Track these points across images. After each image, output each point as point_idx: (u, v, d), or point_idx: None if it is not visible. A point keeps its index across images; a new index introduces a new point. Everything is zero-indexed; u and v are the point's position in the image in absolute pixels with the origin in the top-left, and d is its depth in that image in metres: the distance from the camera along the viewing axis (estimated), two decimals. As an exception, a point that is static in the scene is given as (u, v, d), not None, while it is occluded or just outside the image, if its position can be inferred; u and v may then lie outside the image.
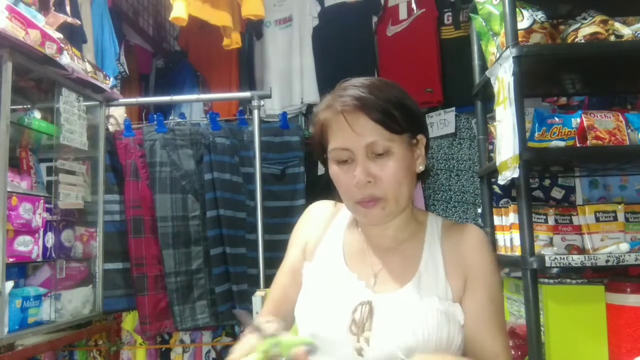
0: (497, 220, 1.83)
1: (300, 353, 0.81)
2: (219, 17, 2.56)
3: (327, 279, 1.00)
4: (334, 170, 0.95)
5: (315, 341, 0.85)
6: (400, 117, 0.92)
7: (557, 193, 2.02)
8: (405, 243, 1.01)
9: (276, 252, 2.08)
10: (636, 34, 1.53)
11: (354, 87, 0.94)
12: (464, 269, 0.96)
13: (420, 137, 0.98)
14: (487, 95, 1.88)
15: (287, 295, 1.06)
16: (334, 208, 1.10)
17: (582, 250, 1.60)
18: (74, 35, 2.33)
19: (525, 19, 1.57)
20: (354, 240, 1.04)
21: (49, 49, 1.84)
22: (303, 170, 2.54)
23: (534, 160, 1.53)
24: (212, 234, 2.36)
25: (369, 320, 0.91)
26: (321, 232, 1.07)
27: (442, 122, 2.87)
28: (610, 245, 1.54)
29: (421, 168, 0.98)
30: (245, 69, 3.26)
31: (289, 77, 3.13)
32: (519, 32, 1.52)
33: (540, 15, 1.59)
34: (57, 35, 1.92)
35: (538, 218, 1.60)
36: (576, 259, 1.45)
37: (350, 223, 1.07)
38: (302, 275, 1.04)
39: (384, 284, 0.97)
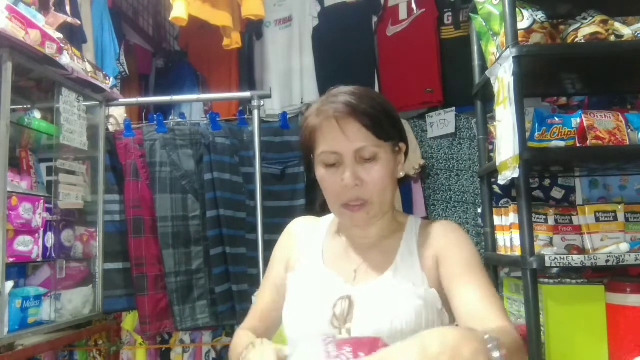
0: (497, 220, 1.83)
1: None
2: (219, 17, 2.56)
3: (308, 282, 1.04)
4: (321, 173, 0.99)
5: None
6: (388, 125, 0.98)
7: (557, 193, 2.02)
8: (384, 240, 1.06)
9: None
10: (636, 34, 1.52)
11: (345, 94, 0.98)
12: (434, 250, 1.00)
13: (401, 145, 1.03)
14: (487, 95, 1.88)
15: (273, 307, 1.10)
16: (313, 222, 1.15)
17: (582, 250, 1.60)
18: (74, 35, 2.33)
19: (525, 19, 1.57)
20: (334, 244, 1.09)
21: (49, 49, 1.84)
22: (303, 170, 2.54)
23: (534, 160, 1.53)
24: (212, 234, 2.36)
25: (350, 314, 0.94)
26: (302, 245, 1.11)
27: (442, 122, 2.87)
28: (610, 245, 1.54)
29: (401, 175, 1.04)
30: (245, 69, 3.26)
31: (289, 77, 3.13)
32: (519, 32, 1.52)
33: (540, 15, 1.59)
34: (57, 35, 1.92)
35: (538, 218, 1.60)
36: (576, 259, 1.45)
37: (329, 231, 1.12)
38: (286, 285, 1.08)
39: (363, 276, 1.01)
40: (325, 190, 1.00)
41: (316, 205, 1.10)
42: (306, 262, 1.08)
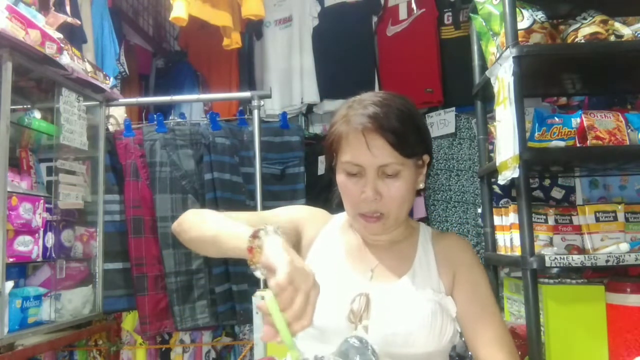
0: (497, 220, 1.83)
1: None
2: (219, 17, 2.56)
3: (325, 274, 1.02)
4: (342, 180, 1.00)
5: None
6: (415, 142, 0.97)
7: (557, 193, 2.02)
8: (399, 244, 1.08)
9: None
10: (636, 34, 1.52)
11: (373, 105, 0.96)
12: (452, 267, 1.04)
13: (425, 157, 1.03)
14: (487, 95, 1.88)
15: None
16: (328, 216, 1.16)
17: (582, 250, 1.60)
18: (74, 35, 2.33)
19: (525, 19, 1.57)
20: (349, 240, 1.10)
21: (49, 49, 1.84)
22: (303, 170, 2.54)
23: (534, 160, 1.53)
24: (212, 234, 2.35)
25: (366, 311, 0.96)
26: (318, 230, 1.12)
27: (442, 122, 2.87)
28: (610, 245, 1.54)
29: (421, 186, 1.04)
30: (245, 69, 3.26)
31: (289, 77, 3.13)
32: (519, 32, 1.52)
33: (540, 15, 1.59)
34: (57, 35, 1.92)
35: (538, 218, 1.60)
36: (576, 259, 1.44)
37: (343, 226, 1.12)
38: None
39: (381, 277, 1.03)
40: (344, 196, 1.02)
41: (332, 203, 1.11)
42: (320, 253, 1.08)
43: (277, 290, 0.72)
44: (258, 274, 0.80)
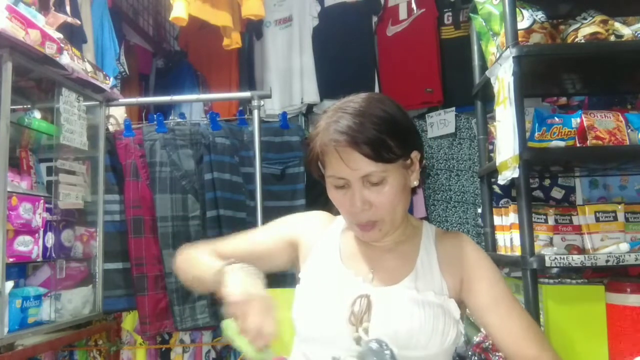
0: (497, 220, 1.83)
1: None
2: (219, 17, 2.56)
3: (325, 277, 1.03)
4: (332, 193, 1.00)
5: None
6: (395, 146, 0.93)
7: (557, 193, 2.02)
8: (401, 245, 1.06)
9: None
10: (636, 34, 1.52)
11: (347, 115, 0.93)
12: (460, 269, 1.01)
13: (414, 154, 1.00)
14: (487, 95, 1.88)
15: (262, 253, 1.13)
16: (331, 219, 1.15)
17: (582, 250, 1.60)
18: (74, 35, 2.33)
19: (525, 19, 1.57)
20: (350, 242, 1.09)
21: (49, 49, 1.84)
22: (303, 170, 2.54)
23: (534, 160, 1.53)
24: (212, 234, 2.35)
25: (367, 313, 0.95)
26: (317, 235, 1.11)
27: (442, 122, 2.87)
28: (610, 245, 1.54)
29: (415, 183, 1.02)
30: (245, 69, 3.26)
31: (289, 77, 3.13)
32: (519, 32, 1.52)
33: (540, 15, 1.59)
34: (57, 35, 1.92)
35: (538, 218, 1.60)
36: (576, 259, 1.44)
37: (345, 227, 1.11)
38: (299, 277, 1.08)
39: (382, 279, 1.01)
40: (337, 207, 1.01)
41: (332, 211, 1.11)
42: (321, 256, 1.07)
43: (231, 315, 0.85)
44: None
